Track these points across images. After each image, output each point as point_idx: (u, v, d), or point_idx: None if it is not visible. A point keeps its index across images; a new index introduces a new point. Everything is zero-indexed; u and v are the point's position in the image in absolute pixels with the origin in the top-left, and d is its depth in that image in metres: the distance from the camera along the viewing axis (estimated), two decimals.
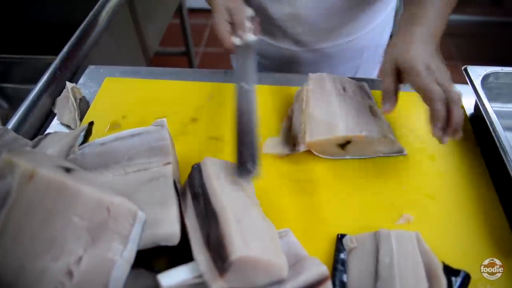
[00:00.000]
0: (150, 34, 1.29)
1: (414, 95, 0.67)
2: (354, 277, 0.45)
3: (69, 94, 0.66)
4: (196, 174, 0.48)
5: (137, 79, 0.73)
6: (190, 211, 0.45)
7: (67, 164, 0.45)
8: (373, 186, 0.56)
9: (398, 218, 0.52)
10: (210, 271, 0.37)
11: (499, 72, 0.63)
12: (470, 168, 0.58)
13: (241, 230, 0.38)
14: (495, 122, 0.55)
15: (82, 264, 0.39)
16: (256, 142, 0.52)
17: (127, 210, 0.41)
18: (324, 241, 0.49)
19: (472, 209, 0.53)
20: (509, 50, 2.41)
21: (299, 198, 0.54)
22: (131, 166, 0.51)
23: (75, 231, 0.40)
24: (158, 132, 0.53)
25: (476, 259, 0.48)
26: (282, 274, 0.38)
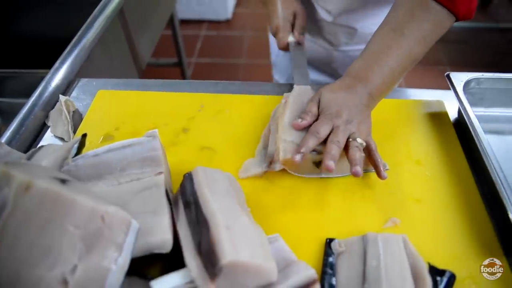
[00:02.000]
0: (142, 45, 1.31)
1: (397, 102, 0.70)
2: (342, 280, 0.46)
3: (62, 107, 0.68)
4: (188, 183, 0.49)
5: (129, 91, 0.74)
6: (182, 219, 0.46)
7: (62, 176, 0.46)
8: (360, 191, 0.57)
9: (385, 222, 0.53)
10: (202, 276, 0.38)
11: (480, 77, 0.65)
12: (454, 172, 0.60)
13: (231, 236, 0.39)
14: (477, 126, 0.57)
15: (77, 272, 0.40)
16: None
17: (121, 219, 0.43)
18: (314, 245, 0.50)
19: (457, 211, 0.55)
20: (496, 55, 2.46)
21: (288, 204, 0.55)
22: (124, 177, 0.52)
23: (70, 240, 0.41)
24: (150, 143, 0.54)
25: (462, 259, 0.49)
26: (272, 278, 0.39)
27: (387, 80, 0.58)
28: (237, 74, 2.37)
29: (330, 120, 0.55)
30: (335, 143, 0.52)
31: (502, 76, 0.66)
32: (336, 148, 0.52)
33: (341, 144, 0.53)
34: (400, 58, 0.58)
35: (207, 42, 2.63)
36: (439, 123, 0.67)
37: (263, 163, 0.59)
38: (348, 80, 0.59)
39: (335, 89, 0.59)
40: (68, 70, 0.79)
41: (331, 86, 0.60)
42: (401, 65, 0.58)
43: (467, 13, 0.58)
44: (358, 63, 0.60)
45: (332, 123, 0.55)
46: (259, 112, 0.68)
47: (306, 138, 0.54)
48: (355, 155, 0.52)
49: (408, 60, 0.58)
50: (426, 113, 0.69)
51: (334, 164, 0.50)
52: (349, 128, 0.55)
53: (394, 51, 0.57)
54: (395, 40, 0.58)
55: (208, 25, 2.76)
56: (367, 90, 0.58)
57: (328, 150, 0.52)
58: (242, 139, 0.64)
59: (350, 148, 0.53)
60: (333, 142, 0.53)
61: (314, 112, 0.58)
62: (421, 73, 2.18)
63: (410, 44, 0.57)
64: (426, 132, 0.66)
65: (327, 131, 0.55)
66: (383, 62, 0.58)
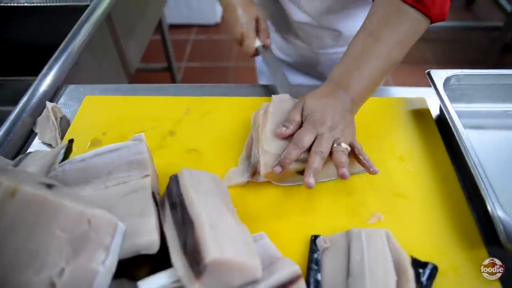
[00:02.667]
0: (130, 51, 1.31)
1: (380, 100, 0.71)
2: (327, 275, 0.47)
3: (49, 114, 0.68)
4: (174, 185, 0.50)
5: (116, 96, 0.75)
6: (168, 220, 0.47)
7: (48, 181, 0.47)
8: (345, 188, 0.58)
9: (369, 218, 0.54)
10: (187, 275, 0.39)
11: (460, 74, 0.67)
12: (437, 167, 0.61)
13: (216, 235, 0.40)
14: (456, 121, 0.59)
15: (65, 275, 0.40)
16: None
17: (107, 221, 0.43)
18: (299, 243, 0.51)
19: (439, 205, 0.56)
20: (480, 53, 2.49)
21: (273, 204, 0.56)
22: (110, 180, 0.53)
23: (57, 244, 0.41)
24: (136, 147, 0.55)
25: (444, 251, 0.51)
26: (256, 274, 0.40)
27: (367, 84, 0.59)
28: (227, 78, 2.38)
29: (314, 128, 0.56)
30: (319, 154, 0.53)
31: (481, 73, 0.68)
32: (319, 160, 0.52)
33: (325, 154, 0.54)
34: (379, 62, 0.59)
35: (197, 47, 2.64)
36: (422, 120, 0.68)
37: (246, 173, 0.59)
38: (330, 86, 0.60)
39: (317, 96, 0.60)
40: (56, 76, 0.80)
41: (313, 93, 0.61)
42: (380, 69, 0.59)
43: (440, 15, 0.60)
44: (338, 69, 0.61)
45: (315, 131, 0.56)
46: (244, 113, 0.69)
47: (289, 149, 0.54)
48: (340, 159, 0.53)
49: (387, 63, 0.59)
50: (408, 110, 0.70)
51: (314, 182, 0.51)
52: (333, 135, 0.56)
53: (372, 56, 0.59)
54: (373, 45, 0.59)
55: (197, 29, 2.77)
56: (349, 96, 0.59)
57: (310, 163, 0.52)
58: (228, 140, 0.65)
59: (335, 153, 0.54)
60: (316, 153, 0.53)
61: (298, 120, 0.58)
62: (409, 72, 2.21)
63: (388, 48, 0.59)
64: (409, 129, 0.67)
65: (310, 140, 0.55)
66: (363, 68, 0.59)
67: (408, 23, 0.59)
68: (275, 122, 0.60)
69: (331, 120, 0.56)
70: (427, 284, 0.46)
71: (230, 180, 0.58)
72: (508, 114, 0.70)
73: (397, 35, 0.59)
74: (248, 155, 0.61)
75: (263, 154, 0.56)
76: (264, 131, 0.58)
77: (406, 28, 0.59)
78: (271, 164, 0.54)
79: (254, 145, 0.60)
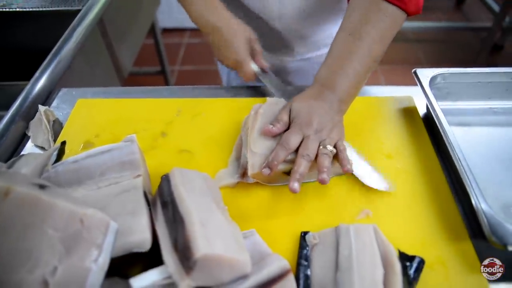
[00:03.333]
0: (123, 54, 1.32)
1: (368, 99, 0.72)
2: (317, 270, 0.48)
3: (42, 117, 0.69)
4: (165, 184, 0.50)
5: (108, 99, 0.76)
6: (160, 219, 0.47)
7: (41, 181, 0.48)
8: (334, 185, 0.59)
9: (358, 214, 0.55)
10: (178, 271, 0.40)
11: (445, 73, 0.68)
12: (424, 163, 0.62)
13: (205, 231, 0.41)
14: (442, 118, 0.60)
15: (58, 274, 0.41)
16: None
17: (99, 220, 0.44)
18: (289, 239, 0.52)
19: (426, 200, 0.57)
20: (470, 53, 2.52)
21: (264, 202, 0.57)
22: (103, 181, 0.53)
23: (50, 243, 0.42)
24: (128, 147, 0.55)
25: (431, 245, 0.52)
26: (246, 270, 0.41)
27: (353, 82, 0.61)
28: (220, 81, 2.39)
29: (300, 130, 0.57)
30: (305, 158, 0.54)
31: (466, 71, 0.69)
32: (305, 164, 0.54)
33: (311, 156, 0.55)
34: (363, 60, 0.60)
35: (190, 50, 2.65)
36: (409, 118, 0.70)
37: (236, 174, 0.59)
38: (316, 88, 0.61)
39: (305, 98, 0.61)
40: (48, 80, 0.80)
41: (301, 95, 0.62)
42: (364, 66, 0.60)
43: (416, 9, 0.62)
44: (323, 70, 0.62)
45: (302, 133, 0.57)
46: (235, 114, 0.70)
47: (277, 151, 0.55)
48: (323, 163, 0.54)
49: (370, 60, 0.61)
50: (396, 109, 0.72)
51: (299, 187, 0.52)
52: (320, 136, 0.57)
53: (355, 54, 0.60)
54: (354, 44, 0.60)
55: (190, 33, 2.78)
56: (335, 95, 0.60)
57: (296, 167, 0.53)
58: (219, 141, 0.66)
59: (319, 156, 0.55)
60: (303, 157, 0.54)
61: (285, 120, 0.59)
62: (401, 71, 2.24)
63: (369, 45, 0.60)
64: (397, 127, 0.68)
65: (297, 142, 0.56)
66: (347, 66, 0.60)
67: (388, 19, 0.60)
68: (264, 123, 0.60)
69: (318, 121, 0.57)
70: (414, 277, 0.47)
71: (220, 181, 0.59)
72: (494, 111, 0.71)
73: (377, 31, 0.60)
74: (238, 156, 0.62)
75: (251, 155, 0.57)
76: (252, 132, 0.59)
77: (386, 24, 0.60)
78: (258, 165, 0.56)
79: (243, 146, 0.61)
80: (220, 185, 0.58)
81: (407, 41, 2.56)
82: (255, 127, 0.60)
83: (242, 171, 0.58)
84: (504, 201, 0.57)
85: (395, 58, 2.40)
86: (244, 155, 0.60)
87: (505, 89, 0.71)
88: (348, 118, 0.62)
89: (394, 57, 2.41)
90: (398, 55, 2.44)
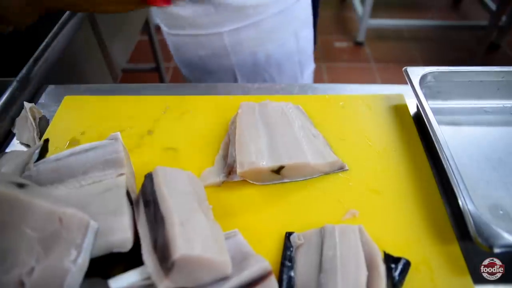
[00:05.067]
0: (116, 51, 1.31)
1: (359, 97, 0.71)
2: (300, 271, 0.47)
3: (27, 114, 0.68)
4: (148, 183, 0.50)
5: (96, 96, 0.75)
6: (142, 218, 0.47)
7: (20, 180, 0.47)
8: (320, 185, 0.58)
9: (345, 214, 0.55)
10: (157, 272, 0.39)
11: (435, 71, 0.68)
12: (413, 162, 0.61)
13: (185, 232, 0.40)
14: (431, 116, 0.59)
15: (34, 274, 0.40)
16: None
17: (79, 219, 0.43)
18: (274, 240, 0.51)
19: (414, 201, 0.56)
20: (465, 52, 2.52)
21: (249, 202, 0.56)
22: (86, 179, 0.53)
23: (27, 243, 0.41)
24: (112, 146, 0.55)
25: (418, 246, 0.51)
26: (226, 271, 0.40)
27: None
28: None
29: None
30: None
31: (457, 70, 0.68)
32: None
33: None
34: None
35: None
36: (399, 117, 0.69)
37: (222, 173, 0.59)
38: None
39: None
40: (35, 76, 0.79)
41: None
42: None
43: None
44: None
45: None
46: (223, 112, 0.69)
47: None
48: None
49: None
50: (387, 107, 0.71)
51: None
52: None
53: None
54: None
55: None
56: None
57: None
58: (206, 139, 0.65)
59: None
60: None
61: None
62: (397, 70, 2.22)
63: None
64: (386, 125, 0.68)
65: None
66: None
67: None
68: (247, 126, 0.60)
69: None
70: (399, 279, 0.46)
71: (206, 179, 0.58)
72: (485, 110, 0.71)
73: None
74: (224, 155, 0.61)
75: (239, 153, 0.56)
76: (240, 130, 0.59)
77: None
78: (246, 162, 0.55)
79: (231, 145, 0.60)
80: (206, 183, 0.57)
81: (402, 40, 2.55)
82: (242, 125, 0.59)
83: (229, 170, 0.57)
84: (492, 202, 0.56)
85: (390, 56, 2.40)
86: (231, 153, 0.59)
87: (496, 89, 0.70)
88: (337, 115, 0.62)
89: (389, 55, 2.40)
90: (393, 54, 2.44)
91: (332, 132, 0.66)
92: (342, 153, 0.62)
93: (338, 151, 0.63)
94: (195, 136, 0.66)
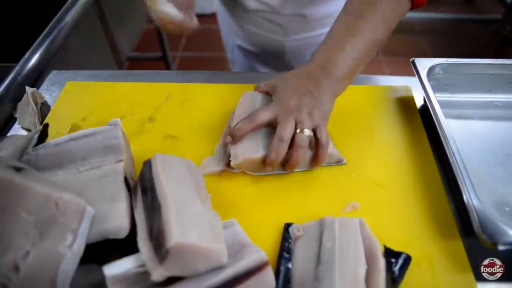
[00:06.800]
0: (121, 38, 1.30)
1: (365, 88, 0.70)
2: (298, 263, 0.46)
3: (29, 99, 0.67)
4: (147, 170, 0.49)
5: (98, 82, 0.74)
6: (139, 205, 0.46)
7: (18, 164, 0.46)
8: (322, 178, 0.57)
9: (345, 206, 0.54)
10: (151, 259, 0.39)
11: (444, 63, 0.66)
12: (417, 156, 0.60)
13: (181, 219, 0.40)
14: (438, 109, 0.58)
15: (29, 258, 0.40)
16: None
17: (75, 205, 0.43)
18: (273, 231, 0.51)
19: (417, 195, 0.55)
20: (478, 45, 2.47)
21: (248, 192, 0.56)
22: (84, 165, 0.52)
23: (23, 227, 0.41)
24: (111, 132, 0.54)
25: (420, 241, 0.50)
26: (222, 260, 0.40)
27: (352, 64, 0.58)
28: (223, 67, 2.36)
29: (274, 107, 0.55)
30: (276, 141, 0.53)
31: (466, 62, 0.67)
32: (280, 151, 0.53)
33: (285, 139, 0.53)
34: (363, 40, 0.57)
35: (193, 36, 2.62)
36: (405, 109, 0.68)
37: (221, 162, 0.58)
38: (308, 66, 0.59)
39: (288, 75, 0.59)
40: (38, 61, 0.79)
41: (285, 74, 0.60)
42: (364, 47, 0.57)
43: (421, 0, 0.60)
44: (321, 49, 0.60)
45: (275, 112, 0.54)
46: (225, 100, 0.68)
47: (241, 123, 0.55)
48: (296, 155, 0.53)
49: (371, 41, 0.58)
50: (392, 99, 0.69)
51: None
52: (296, 117, 0.54)
53: (356, 34, 0.57)
54: (355, 24, 0.58)
55: None
56: (332, 76, 0.57)
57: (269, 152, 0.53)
58: (207, 127, 0.64)
59: (294, 145, 0.53)
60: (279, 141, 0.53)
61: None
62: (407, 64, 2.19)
63: (371, 26, 0.57)
64: (392, 117, 0.66)
65: (267, 119, 0.55)
66: (346, 46, 0.57)
67: (391, 2, 0.58)
68: (244, 111, 0.58)
69: (297, 100, 0.55)
70: (399, 274, 0.45)
71: (205, 168, 0.58)
72: (494, 104, 0.69)
73: (380, 13, 0.58)
74: (224, 144, 0.60)
75: (233, 145, 0.55)
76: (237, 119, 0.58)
77: (389, 7, 0.58)
78: (241, 154, 0.54)
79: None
80: (205, 172, 0.57)
81: (413, 33, 2.51)
82: (240, 115, 0.58)
83: (228, 159, 0.57)
84: (498, 198, 0.55)
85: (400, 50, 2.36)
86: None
87: (507, 82, 0.69)
88: (341, 107, 0.60)
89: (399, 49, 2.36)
90: (403, 47, 2.40)
91: (336, 123, 0.64)
92: (345, 145, 0.61)
93: (341, 142, 0.61)
94: (196, 124, 0.65)
